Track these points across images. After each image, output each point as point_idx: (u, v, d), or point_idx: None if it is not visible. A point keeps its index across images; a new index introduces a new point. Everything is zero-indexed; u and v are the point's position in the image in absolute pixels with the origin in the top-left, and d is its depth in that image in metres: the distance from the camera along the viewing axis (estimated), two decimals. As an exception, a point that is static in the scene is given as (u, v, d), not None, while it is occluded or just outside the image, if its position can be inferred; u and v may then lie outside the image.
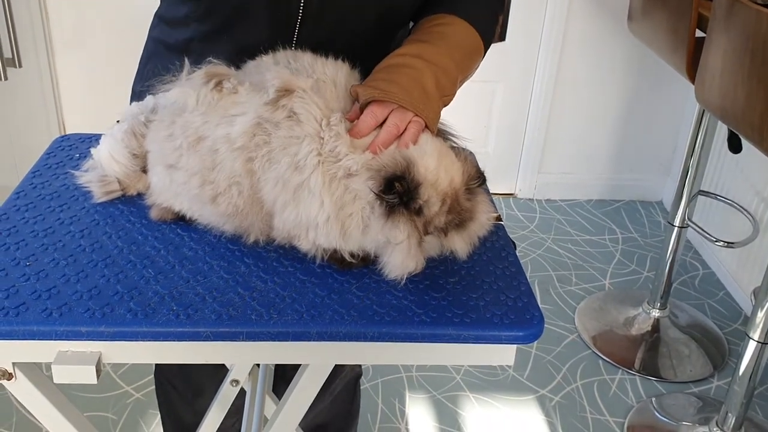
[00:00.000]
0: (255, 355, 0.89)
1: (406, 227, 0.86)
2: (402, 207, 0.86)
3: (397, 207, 0.86)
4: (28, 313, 0.83)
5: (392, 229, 0.86)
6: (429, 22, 1.08)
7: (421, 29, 1.07)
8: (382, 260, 0.89)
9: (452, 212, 0.88)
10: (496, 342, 0.87)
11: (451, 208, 0.88)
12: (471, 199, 0.91)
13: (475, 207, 0.91)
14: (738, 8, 1.56)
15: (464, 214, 0.89)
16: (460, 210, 0.89)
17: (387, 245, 0.87)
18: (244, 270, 0.93)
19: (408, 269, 0.88)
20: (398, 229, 0.86)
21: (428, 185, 0.86)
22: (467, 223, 0.90)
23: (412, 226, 0.86)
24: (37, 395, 0.90)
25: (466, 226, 0.90)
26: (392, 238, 0.86)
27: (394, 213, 0.86)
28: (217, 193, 0.94)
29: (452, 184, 0.88)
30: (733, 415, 1.94)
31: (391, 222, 0.86)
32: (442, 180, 0.87)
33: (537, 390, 2.21)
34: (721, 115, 1.69)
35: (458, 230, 0.90)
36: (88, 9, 2.69)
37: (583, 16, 2.91)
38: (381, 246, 0.88)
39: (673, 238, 2.31)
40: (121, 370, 2.16)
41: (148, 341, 0.83)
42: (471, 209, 0.90)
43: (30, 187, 1.08)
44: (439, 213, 0.87)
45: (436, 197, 0.87)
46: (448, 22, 1.07)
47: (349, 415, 1.73)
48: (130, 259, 0.93)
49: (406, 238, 0.86)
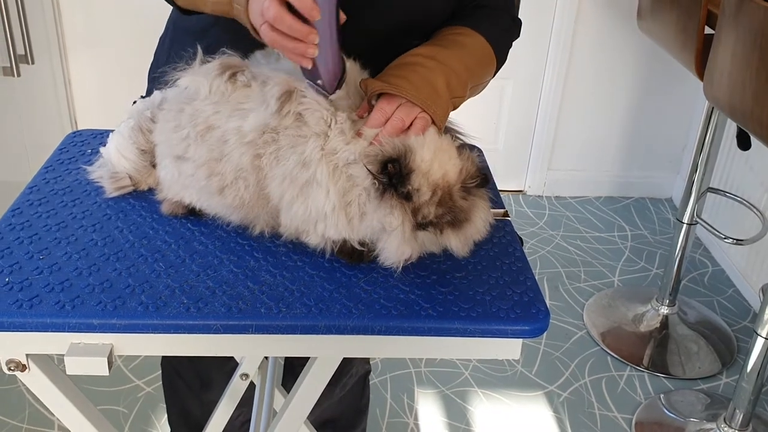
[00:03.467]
0: (264, 348, 0.90)
1: (399, 213, 0.88)
2: (392, 189, 0.87)
3: (388, 189, 0.87)
4: (42, 306, 0.85)
5: (386, 214, 0.88)
6: (448, 31, 1.10)
7: (438, 36, 1.09)
8: (379, 248, 0.90)
9: (443, 206, 0.89)
10: (502, 336, 0.88)
11: (441, 201, 0.89)
12: (468, 200, 0.91)
13: (472, 208, 0.92)
14: (747, 6, 1.56)
15: (458, 212, 0.90)
16: (453, 206, 0.90)
17: (383, 232, 0.89)
18: (253, 264, 0.94)
19: (404, 256, 0.89)
20: (392, 215, 0.87)
21: (420, 174, 0.88)
22: (463, 223, 0.91)
23: (403, 212, 0.88)
24: (49, 386, 0.91)
25: (462, 227, 0.91)
26: (386, 224, 0.88)
27: (386, 195, 0.88)
28: (223, 185, 0.96)
29: (445, 178, 0.89)
30: (741, 412, 1.94)
31: (383, 205, 0.88)
32: (435, 172, 0.88)
33: (545, 386, 2.22)
34: (729, 112, 1.69)
35: (454, 230, 0.91)
36: (101, 6, 2.71)
37: (592, 14, 2.91)
38: (377, 233, 0.90)
39: (682, 235, 2.31)
40: (132, 365, 2.18)
41: (159, 333, 0.85)
42: (467, 210, 0.91)
43: (43, 182, 1.09)
44: (429, 203, 0.88)
45: (427, 187, 0.88)
46: (466, 33, 1.10)
47: (359, 411, 1.75)
48: (142, 252, 0.95)
49: (400, 224, 0.88)
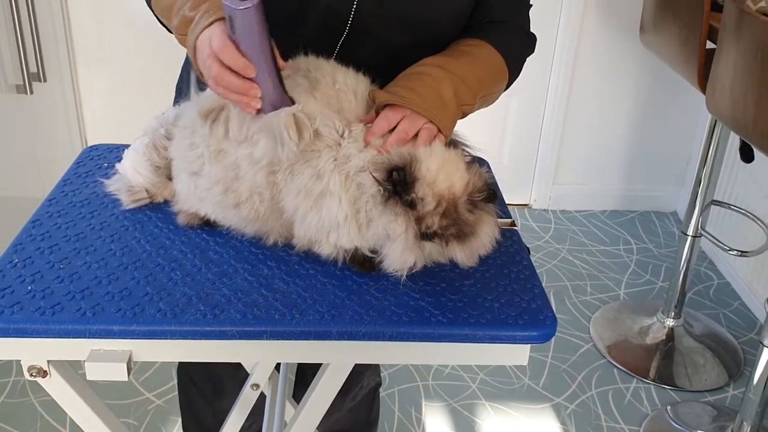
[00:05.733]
0: (279, 354, 0.92)
1: (403, 221, 0.89)
2: (397, 197, 0.89)
3: (392, 196, 0.89)
4: (63, 313, 0.87)
5: (391, 221, 0.89)
6: (460, 42, 1.11)
7: (450, 47, 1.10)
8: (383, 254, 0.92)
9: (448, 217, 0.91)
10: (510, 342, 0.90)
11: (446, 212, 0.90)
12: (474, 213, 0.93)
13: (478, 222, 0.93)
14: (747, 20, 1.59)
15: (463, 225, 0.92)
16: (458, 218, 0.91)
17: (387, 239, 0.91)
18: (267, 272, 0.96)
19: (407, 263, 0.91)
20: (396, 222, 0.89)
21: (425, 183, 0.89)
22: (468, 237, 0.92)
23: (407, 219, 0.89)
24: (70, 392, 0.94)
25: (467, 240, 0.93)
26: (390, 230, 0.90)
27: (390, 202, 0.89)
28: (239, 201, 0.98)
29: (451, 190, 0.91)
30: (748, 424, 1.95)
31: (387, 212, 0.89)
32: (440, 182, 0.90)
33: (552, 398, 2.23)
34: (732, 124, 1.72)
35: (459, 242, 0.92)
36: (111, 26, 2.76)
37: (596, 28, 2.94)
38: (382, 240, 0.92)
39: (687, 248, 2.33)
40: (142, 377, 2.20)
41: (176, 339, 0.87)
42: (472, 223, 0.92)
43: (61, 195, 1.12)
44: (433, 213, 0.90)
45: (432, 197, 0.90)
46: (476, 44, 1.11)
47: (368, 423, 1.76)
48: (159, 262, 0.97)
49: (403, 231, 0.89)
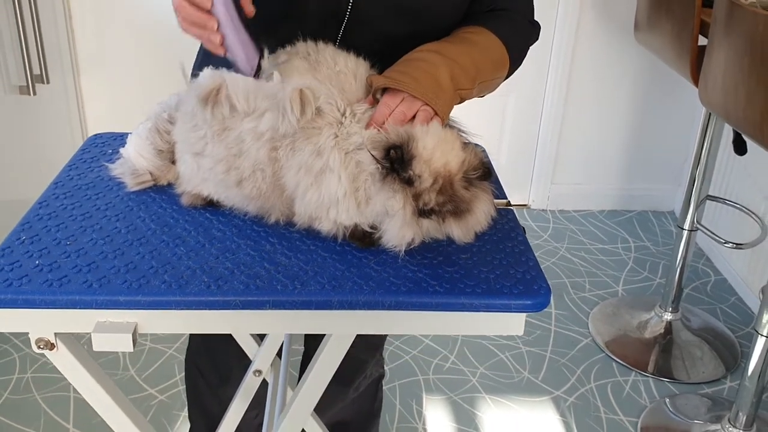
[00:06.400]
0: (281, 323, 0.95)
1: (401, 197, 0.92)
2: (395, 174, 0.92)
3: (390, 173, 0.92)
4: (70, 285, 0.90)
5: (389, 198, 0.92)
6: (460, 29, 1.14)
7: (450, 34, 1.13)
8: (382, 230, 0.95)
9: (444, 194, 0.93)
10: (506, 310, 0.92)
11: (443, 189, 0.93)
12: (470, 190, 0.95)
13: (474, 199, 0.95)
14: (737, 12, 1.62)
15: (459, 202, 0.94)
16: (454, 195, 0.94)
17: (386, 216, 0.94)
18: (269, 248, 0.99)
19: (405, 239, 0.94)
20: (394, 198, 0.92)
21: (422, 161, 0.92)
22: (464, 213, 0.95)
23: (405, 196, 0.92)
24: (76, 365, 0.96)
25: (464, 217, 0.95)
26: (389, 207, 0.92)
27: (388, 179, 0.92)
28: (241, 178, 1.01)
29: (447, 167, 0.93)
30: (744, 413, 1.97)
31: (386, 189, 0.92)
32: (437, 160, 0.93)
33: (552, 391, 2.25)
34: (724, 115, 1.75)
35: (455, 219, 0.95)
36: (113, 28, 2.79)
37: (592, 27, 2.97)
38: (381, 216, 0.94)
39: (683, 241, 2.36)
40: (145, 374, 2.22)
41: (181, 310, 0.89)
42: (468, 200, 0.95)
43: (67, 179, 1.15)
44: (430, 190, 0.92)
45: (428, 174, 0.92)
46: (475, 31, 1.13)
47: (371, 414, 1.78)
48: (163, 239, 1.00)
49: (401, 207, 0.92)
